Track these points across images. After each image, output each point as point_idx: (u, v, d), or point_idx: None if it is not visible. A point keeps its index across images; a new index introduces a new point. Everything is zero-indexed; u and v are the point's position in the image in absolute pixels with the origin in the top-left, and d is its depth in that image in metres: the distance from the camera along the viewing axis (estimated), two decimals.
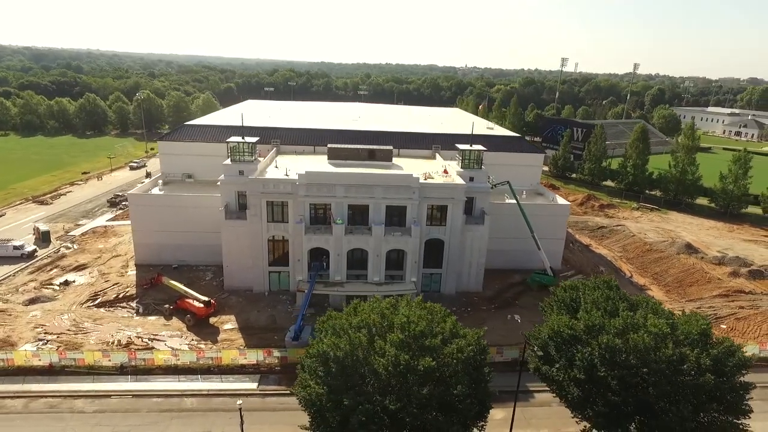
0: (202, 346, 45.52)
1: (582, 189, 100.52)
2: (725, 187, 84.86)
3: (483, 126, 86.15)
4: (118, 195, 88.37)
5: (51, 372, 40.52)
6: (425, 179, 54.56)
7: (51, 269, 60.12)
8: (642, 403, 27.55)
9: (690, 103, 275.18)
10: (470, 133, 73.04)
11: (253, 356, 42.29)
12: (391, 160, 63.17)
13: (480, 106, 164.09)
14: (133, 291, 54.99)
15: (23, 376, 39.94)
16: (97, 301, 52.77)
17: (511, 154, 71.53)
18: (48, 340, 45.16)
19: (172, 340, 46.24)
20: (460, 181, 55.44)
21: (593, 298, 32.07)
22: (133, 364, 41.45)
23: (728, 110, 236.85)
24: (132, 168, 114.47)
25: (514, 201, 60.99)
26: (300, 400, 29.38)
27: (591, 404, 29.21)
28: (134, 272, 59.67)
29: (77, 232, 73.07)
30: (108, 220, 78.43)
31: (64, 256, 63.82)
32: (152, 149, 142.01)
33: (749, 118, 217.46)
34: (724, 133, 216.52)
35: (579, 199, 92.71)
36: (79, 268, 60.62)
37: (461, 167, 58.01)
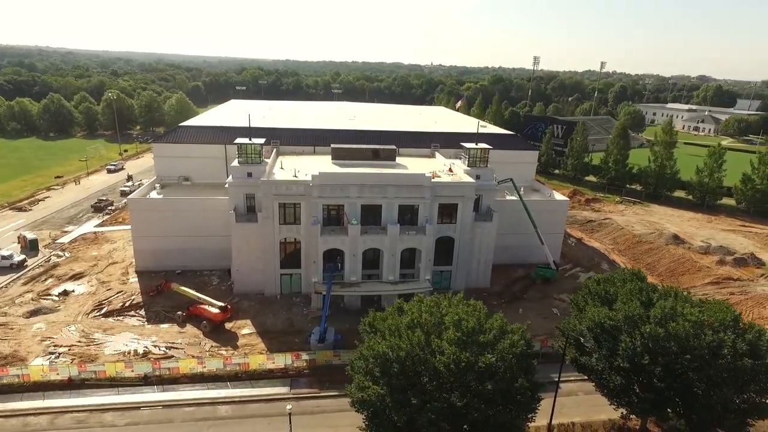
0: (223, 352, 44.75)
1: (566, 184, 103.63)
2: (701, 180, 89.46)
3: (473, 124, 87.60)
4: (102, 199, 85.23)
5: (71, 386, 38.97)
6: (433, 178, 55.23)
7: (46, 279, 57.55)
8: (684, 388, 29.09)
9: (651, 100, 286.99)
10: (466, 131, 74.61)
11: (281, 360, 41.93)
12: (395, 160, 63.52)
13: (458, 104, 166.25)
14: (139, 299, 53.34)
15: (42, 391, 38.26)
16: (103, 311, 50.95)
17: (507, 151, 72.90)
18: (59, 353, 43.35)
19: (191, 348, 45.23)
20: (468, 179, 56.41)
21: (628, 289, 33.54)
22: (157, 373, 40.38)
23: (686, 106, 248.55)
24: (110, 171, 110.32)
25: (513, 198, 62.73)
26: (355, 401, 29.55)
27: (632, 391, 30.62)
28: (136, 279, 57.84)
29: (65, 239, 70.07)
30: (96, 226, 75.53)
31: (57, 265, 61.16)
32: (126, 151, 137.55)
33: (706, 113, 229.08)
34: (683, 128, 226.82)
35: (565, 194, 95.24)
36: (76, 277, 58.27)
37: (468, 165, 59.02)
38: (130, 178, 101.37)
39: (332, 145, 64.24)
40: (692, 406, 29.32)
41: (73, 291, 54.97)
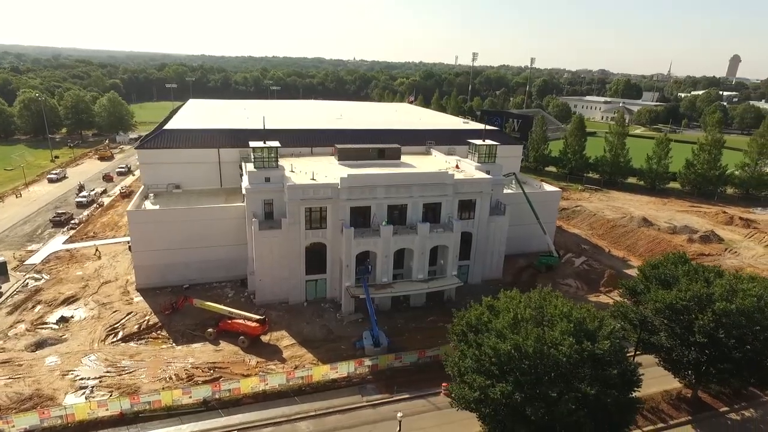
0: (273, 367, 42.82)
1: (530, 176, 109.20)
2: (651, 166, 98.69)
3: (450, 120, 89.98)
4: (61, 213, 76.96)
5: (123, 421, 35.40)
6: None
7: (33, 306, 51.25)
8: (753, 357, 32.70)
9: (570, 93, 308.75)
10: (456, 128, 76.47)
11: (344, 369, 40.97)
12: (399, 158, 63.87)
13: (408, 100, 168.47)
14: (154, 319, 49.22)
15: (93, 431, 34.43)
16: (119, 336, 46.49)
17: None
18: (92, 387, 39.12)
19: (236, 366, 42.76)
20: (481, 174, 58.10)
21: (684, 271, 36.84)
22: (217, 396, 37.83)
23: (602, 99, 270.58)
24: (51, 180, 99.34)
25: (510, 191, 65.54)
26: (471, 401, 29.90)
27: (706, 364, 33.90)
28: (141, 298, 53.24)
29: (34, 259, 62.60)
30: (65, 243, 68.12)
31: (40, 289, 54.59)
32: (57, 157, 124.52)
33: (620, 105, 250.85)
34: (602, 119, 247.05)
35: None
36: (69, 301, 52.47)
37: (478, 162, 60.72)
38: (82, 187, 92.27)
39: (337, 146, 63.21)
40: (758, 372, 33.04)
41: (72, 317, 49.53)
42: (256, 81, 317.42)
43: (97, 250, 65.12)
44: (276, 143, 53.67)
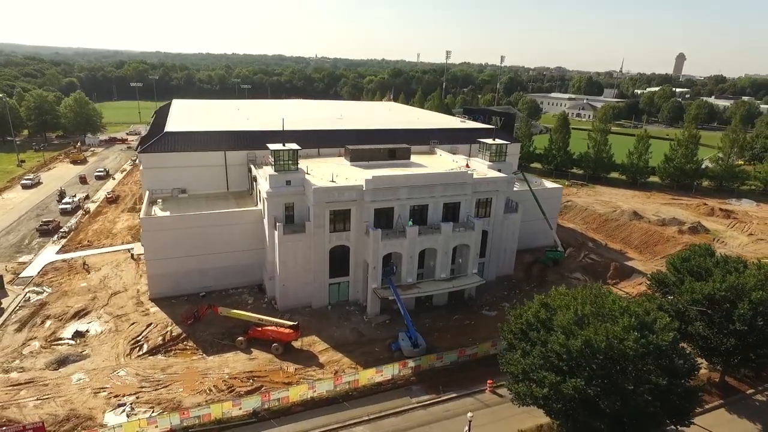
0: (313, 373, 42.26)
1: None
2: (632, 161, 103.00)
3: (445, 119, 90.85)
4: (48, 221, 72.78)
5: None
6: None
7: (42, 321, 48.41)
8: None
9: (535, 90, 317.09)
10: (456, 127, 77.41)
11: (389, 371, 40.89)
12: (409, 158, 64.13)
13: (385, 98, 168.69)
14: (177, 330, 47.50)
15: None
16: (145, 349, 44.62)
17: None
18: (130, 404, 37.45)
19: (274, 374, 41.94)
20: (495, 173, 59.08)
21: (714, 262, 38.88)
22: (266, 407, 37.01)
23: (567, 95, 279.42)
24: (26, 186, 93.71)
25: (517, 188, 66.97)
26: (540, 398, 30.56)
27: (744, 350, 35.97)
28: (157, 309, 51.23)
29: (29, 272, 59.07)
30: (58, 253, 64.53)
31: (45, 303, 51.61)
32: (23, 161, 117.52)
33: (584, 102, 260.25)
34: (568, 115, 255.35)
35: None
36: (80, 314, 49.86)
37: (490, 161, 61.70)
38: (63, 193, 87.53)
39: (349, 147, 62.75)
40: None
41: (87, 331, 47.09)
42: (222, 79, 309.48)
43: (85, 263, 60.79)
44: (295, 146, 52.70)
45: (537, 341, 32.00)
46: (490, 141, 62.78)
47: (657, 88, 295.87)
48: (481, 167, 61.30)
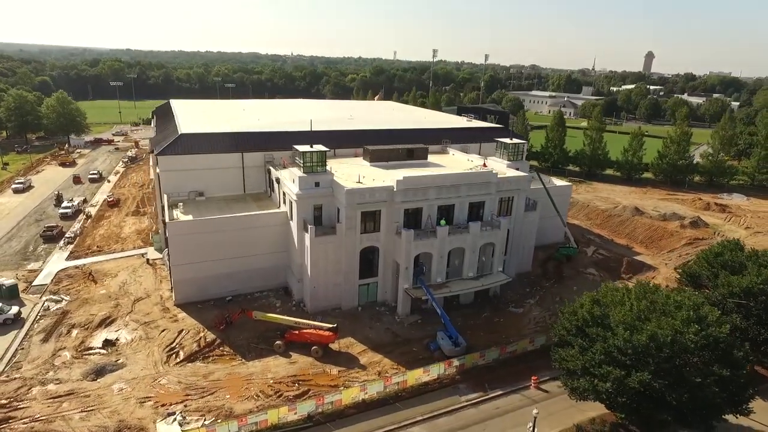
0: (355, 374, 42.26)
1: None
2: (627, 158, 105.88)
3: (452, 119, 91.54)
4: (51, 226, 70.42)
5: None
6: None
7: (68, 331, 46.95)
8: None
9: (516, 88, 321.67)
10: (468, 126, 78.12)
11: (435, 371, 41.22)
12: (426, 158, 64.49)
13: (377, 97, 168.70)
14: (210, 336, 46.75)
15: None
16: (182, 356, 43.78)
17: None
18: (181, 412, 36.76)
19: (319, 377, 41.77)
20: (514, 173, 59.96)
21: (746, 256, 40.55)
22: (320, 410, 36.87)
23: (547, 93, 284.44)
24: (17, 191, 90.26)
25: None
26: (603, 393, 31.38)
27: None
28: (185, 315, 50.26)
29: (43, 280, 57.09)
30: (68, 259, 62.55)
31: (67, 312, 50.05)
32: (7, 164, 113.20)
33: (565, 99, 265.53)
34: (549, 112, 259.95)
35: None
36: (105, 322, 48.54)
37: (509, 160, 62.57)
38: (60, 197, 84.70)
39: (368, 147, 62.70)
40: None
41: (117, 340, 45.90)
42: (201, 78, 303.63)
43: (90, 274, 58.10)
44: (322, 147, 52.37)
45: (597, 337, 32.79)
46: (507, 140, 63.66)
47: (632, 86, 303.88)
48: (499, 167, 62.02)
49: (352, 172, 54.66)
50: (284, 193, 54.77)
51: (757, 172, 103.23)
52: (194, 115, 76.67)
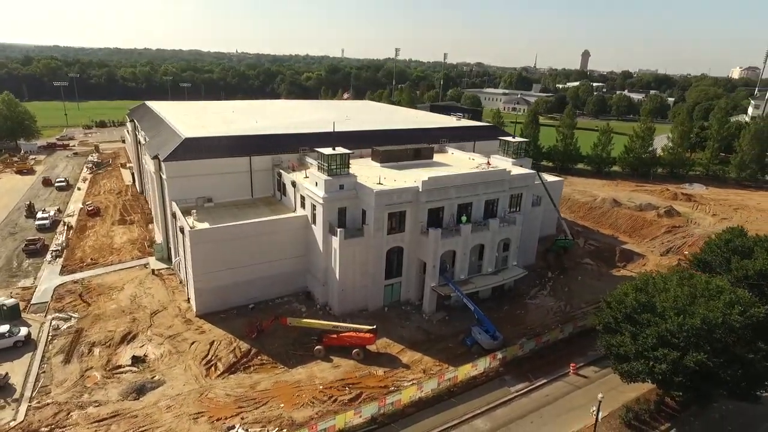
0: (402, 374, 42.73)
1: None
2: (597, 153, 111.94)
3: (443, 118, 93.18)
4: (34, 240, 65.62)
5: None
6: None
7: (89, 351, 44.27)
8: None
9: (469, 86, 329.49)
10: (462, 125, 79.95)
11: (482, 365, 42.42)
12: (432, 158, 65.66)
13: (345, 96, 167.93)
14: (245, 345, 45.58)
15: None
16: (221, 368, 42.47)
17: (492, 141, 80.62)
18: (241, 425, 35.82)
19: (368, 380, 41.90)
20: (520, 170, 62.24)
21: (754, 241, 44.51)
22: (381, 412, 37.10)
23: (501, 91, 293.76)
24: None
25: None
26: (660, 374, 33.67)
27: None
28: (210, 325, 48.65)
29: (42, 297, 53.28)
30: (62, 274, 58.62)
31: (80, 329, 47.10)
32: None
33: (518, 96, 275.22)
34: (504, 109, 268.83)
35: None
36: (127, 339, 46.16)
37: (514, 158, 64.79)
38: (31, 207, 78.82)
39: (374, 148, 62.98)
40: None
41: (146, 356, 43.84)
42: (147, 77, 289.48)
43: (81, 294, 53.73)
44: (344, 150, 52.10)
45: (647, 323, 35.08)
46: (510, 138, 65.87)
47: (576, 83, 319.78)
48: (504, 164, 64.11)
49: (367, 174, 54.79)
50: (302, 197, 54.12)
51: (711, 163, 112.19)
52: (185, 118, 73.73)
